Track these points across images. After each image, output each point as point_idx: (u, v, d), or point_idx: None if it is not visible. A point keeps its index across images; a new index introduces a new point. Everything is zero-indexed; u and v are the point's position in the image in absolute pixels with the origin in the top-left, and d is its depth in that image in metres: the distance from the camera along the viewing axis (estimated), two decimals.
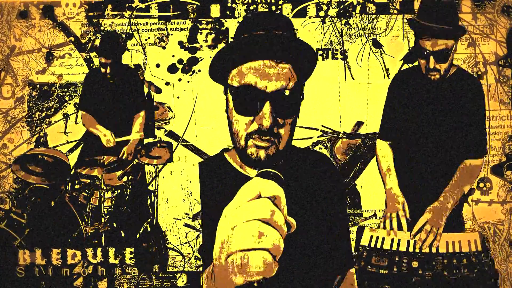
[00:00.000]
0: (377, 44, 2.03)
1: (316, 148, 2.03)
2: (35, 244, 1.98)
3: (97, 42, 2.03)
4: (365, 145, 2.01)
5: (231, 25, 2.02)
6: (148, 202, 2.04)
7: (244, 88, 0.99)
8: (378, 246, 1.93)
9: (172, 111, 2.04)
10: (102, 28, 2.03)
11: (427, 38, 1.86)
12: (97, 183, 2.01)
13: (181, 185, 2.04)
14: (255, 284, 0.59)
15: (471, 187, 1.99)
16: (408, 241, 1.92)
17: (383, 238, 1.94)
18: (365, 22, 2.03)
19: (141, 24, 2.03)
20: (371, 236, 1.95)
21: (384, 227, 1.96)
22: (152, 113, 2.06)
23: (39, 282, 1.99)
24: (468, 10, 2.01)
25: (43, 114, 2.06)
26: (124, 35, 2.03)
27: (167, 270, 2.01)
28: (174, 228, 2.03)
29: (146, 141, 2.09)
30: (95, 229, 2.00)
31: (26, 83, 2.04)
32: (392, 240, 1.94)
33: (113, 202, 2.02)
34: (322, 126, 2.02)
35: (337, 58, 2.03)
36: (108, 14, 2.03)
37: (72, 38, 2.04)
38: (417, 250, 1.90)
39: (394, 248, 1.92)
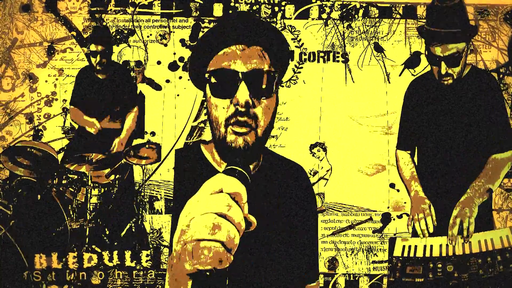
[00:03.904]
0: (378, 48, 2.03)
1: (314, 150, 2.03)
2: (19, 235, 1.98)
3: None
4: None
5: None
6: (134, 202, 2.04)
7: (219, 71, 1.01)
8: (411, 255, 1.91)
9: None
10: (104, 23, 2.03)
11: (437, 44, 1.86)
12: (85, 179, 2.01)
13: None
14: (207, 273, 0.61)
15: (499, 181, 1.95)
16: (440, 245, 1.90)
17: (416, 246, 1.92)
18: (368, 26, 2.02)
19: (143, 21, 2.03)
20: (404, 246, 1.93)
21: (414, 231, 1.92)
22: (143, 111, 2.06)
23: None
24: (471, 17, 2.01)
25: (43, 108, 2.06)
26: (126, 31, 2.03)
27: (161, 267, 2.01)
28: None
29: (134, 141, 2.08)
30: (80, 225, 2.00)
31: (27, 76, 2.04)
32: (425, 246, 1.91)
33: (100, 199, 2.01)
34: None
35: (338, 61, 2.03)
36: (110, 9, 2.02)
37: (74, 33, 2.04)
38: (450, 254, 1.88)
39: (427, 254, 1.90)
